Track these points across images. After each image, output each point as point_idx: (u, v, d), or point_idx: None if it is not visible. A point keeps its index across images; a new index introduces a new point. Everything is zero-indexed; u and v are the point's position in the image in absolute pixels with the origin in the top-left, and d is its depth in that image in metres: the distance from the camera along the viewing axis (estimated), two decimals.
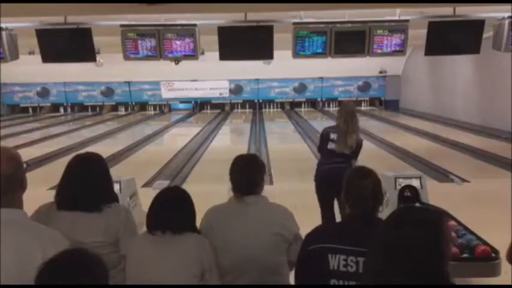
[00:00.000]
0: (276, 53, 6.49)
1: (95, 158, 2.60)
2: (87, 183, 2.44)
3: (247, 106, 23.95)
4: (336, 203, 4.91)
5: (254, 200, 2.61)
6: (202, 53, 7.52)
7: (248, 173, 2.64)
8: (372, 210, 2.23)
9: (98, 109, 24.14)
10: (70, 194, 2.43)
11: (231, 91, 23.92)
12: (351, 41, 6.46)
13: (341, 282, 2.12)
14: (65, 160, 2.60)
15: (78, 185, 2.43)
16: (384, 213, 2.58)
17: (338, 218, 4.73)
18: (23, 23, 6.46)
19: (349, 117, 4.93)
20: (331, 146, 4.95)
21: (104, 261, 1.58)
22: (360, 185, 2.23)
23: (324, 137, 5.05)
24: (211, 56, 8.24)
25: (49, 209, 2.45)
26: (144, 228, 2.51)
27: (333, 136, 4.95)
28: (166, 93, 23.89)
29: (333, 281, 2.13)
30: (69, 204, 2.41)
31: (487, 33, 6.44)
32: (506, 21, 6.20)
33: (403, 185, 4.96)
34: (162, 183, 7.33)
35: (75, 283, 1.41)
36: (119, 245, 2.46)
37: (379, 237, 1.60)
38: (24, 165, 2.00)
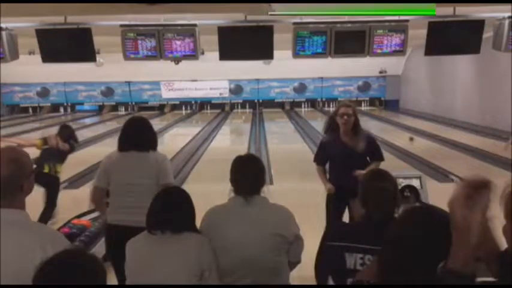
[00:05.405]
0: (276, 53, 6.49)
1: (144, 119, 3.88)
2: (139, 133, 3.68)
3: (247, 106, 23.97)
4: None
5: (254, 201, 2.61)
6: (202, 53, 7.51)
7: (248, 174, 2.64)
8: (390, 212, 2.22)
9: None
10: (127, 140, 3.67)
11: (231, 91, 23.91)
12: (351, 41, 6.45)
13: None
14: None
15: (134, 135, 3.67)
16: None
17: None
18: (23, 23, 6.45)
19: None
20: None
21: (102, 262, 1.57)
22: (379, 188, 2.21)
23: None
24: (211, 56, 8.23)
25: (112, 154, 3.73)
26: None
27: None
28: (166, 93, 23.90)
29: (349, 280, 2.10)
30: (127, 146, 3.65)
31: (487, 33, 6.44)
32: (506, 21, 6.19)
33: (403, 185, 4.94)
34: None
35: (72, 283, 1.41)
36: (158, 179, 3.51)
37: (391, 235, 1.58)
38: (33, 166, 1.98)
